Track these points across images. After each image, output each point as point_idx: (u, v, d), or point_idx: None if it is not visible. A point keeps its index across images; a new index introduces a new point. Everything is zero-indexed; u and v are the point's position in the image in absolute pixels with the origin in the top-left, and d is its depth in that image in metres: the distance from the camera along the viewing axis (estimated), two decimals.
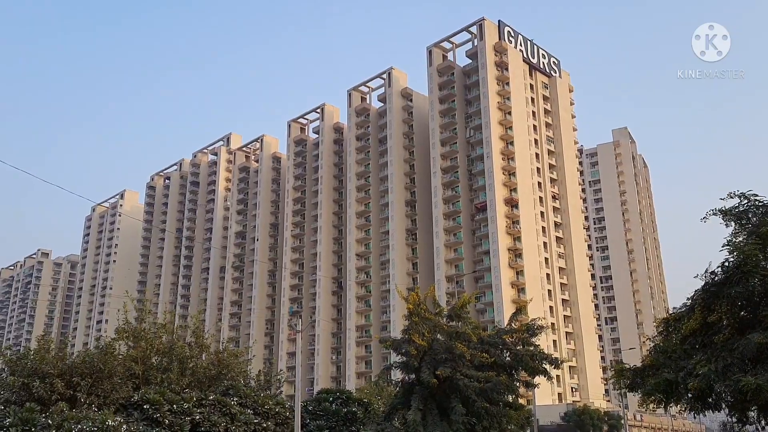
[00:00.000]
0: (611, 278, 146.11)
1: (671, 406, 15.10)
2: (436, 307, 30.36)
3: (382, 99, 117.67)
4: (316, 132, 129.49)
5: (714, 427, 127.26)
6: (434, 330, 28.56)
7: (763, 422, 14.48)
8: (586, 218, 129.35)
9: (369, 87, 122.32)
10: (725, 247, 13.49)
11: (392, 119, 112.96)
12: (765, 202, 13.48)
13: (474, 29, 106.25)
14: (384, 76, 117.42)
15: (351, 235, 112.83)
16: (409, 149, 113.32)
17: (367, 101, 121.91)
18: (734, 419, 14.46)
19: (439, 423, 25.94)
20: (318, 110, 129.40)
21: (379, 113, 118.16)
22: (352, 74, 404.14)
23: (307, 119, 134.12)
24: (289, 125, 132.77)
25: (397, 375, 30.51)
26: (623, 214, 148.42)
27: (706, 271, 13.58)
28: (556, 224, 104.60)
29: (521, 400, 32.96)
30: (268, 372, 37.06)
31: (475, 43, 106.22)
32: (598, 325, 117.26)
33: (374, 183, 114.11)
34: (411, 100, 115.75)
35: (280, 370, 49.94)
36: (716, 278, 13.22)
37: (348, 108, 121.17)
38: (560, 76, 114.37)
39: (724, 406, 13.36)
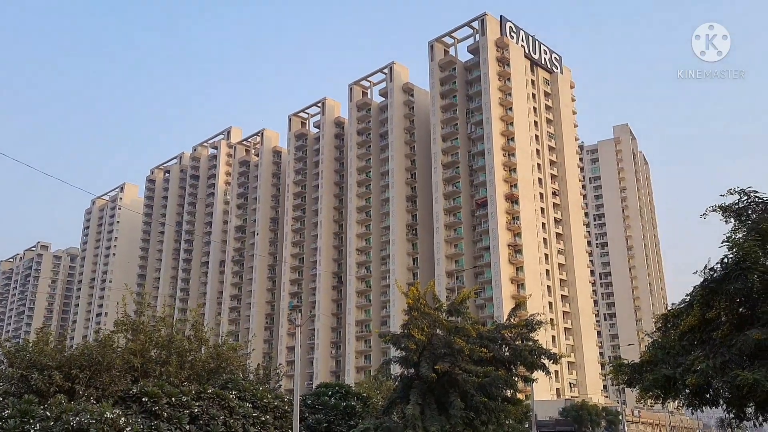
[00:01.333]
0: (610, 274, 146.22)
1: (669, 402, 15.11)
2: (436, 302, 30.29)
3: (384, 94, 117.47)
4: (317, 126, 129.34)
5: (711, 423, 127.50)
6: (433, 325, 28.52)
7: (760, 418, 14.48)
8: (586, 215, 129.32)
9: (370, 81, 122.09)
10: (724, 244, 13.46)
11: (393, 114, 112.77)
12: (765, 198, 13.44)
13: (476, 24, 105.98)
14: (385, 70, 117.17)
15: (351, 230, 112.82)
16: (410, 144, 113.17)
17: (369, 96, 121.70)
18: (732, 415, 14.46)
19: (437, 417, 25.95)
20: (319, 104, 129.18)
21: (381, 108, 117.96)
22: (354, 69, 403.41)
23: (308, 113, 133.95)
24: (290, 119, 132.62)
25: (396, 369, 30.52)
26: (623, 210, 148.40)
27: (705, 268, 13.55)
28: (556, 220, 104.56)
29: (519, 395, 32.95)
30: (267, 366, 37.09)
31: (477, 39, 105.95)
32: (596, 321, 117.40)
33: (375, 178, 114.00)
34: (412, 95, 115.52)
35: (279, 364, 50.00)
36: (715, 274, 13.18)
37: (349, 102, 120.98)
38: (561, 72, 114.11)
39: (721, 402, 13.36)
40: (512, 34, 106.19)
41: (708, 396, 13.06)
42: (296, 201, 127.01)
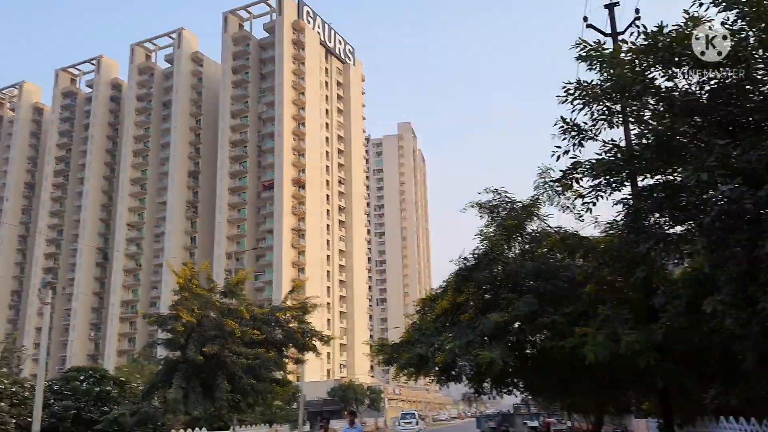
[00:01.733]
0: (385, 262, 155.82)
1: (422, 378, 16.39)
2: (210, 283, 29.57)
3: (170, 60, 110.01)
4: (90, 86, 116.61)
5: (459, 399, 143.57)
6: (205, 306, 27.81)
7: (494, 392, 16.48)
8: (368, 204, 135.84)
9: (156, 45, 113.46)
10: (477, 236, 14.96)
11: (179, 83, 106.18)
12: (512, 198, 15.16)
13: (273, 2, 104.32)
14: (173, 35, 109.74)
15: (123, 203, 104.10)
16: (196, 117, 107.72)
17: (153, 60, 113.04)
18: (473, 390, 16.17)
19: (201, 401, 25.27)
20: (93, 62, 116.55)
21: (165, 75, 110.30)
22: (139, 31, 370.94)
23: (80, 71, 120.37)
24: (57, 74, 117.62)
25: (163, 353, 28.99)
26: (401, 203, 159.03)
27: (459, 257, 14.94)
28: (340, 208, 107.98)
29: (291, 377, 33.55)
30: (7, 348, 32.48)
31: (273, 17, 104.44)
32: (369, 305, 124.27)
33: (154, 149, 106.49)
34: (201, 65, 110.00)
35: (23, 347, 44.04)
36: (468, 263, 14.56)
37: (130, 64, 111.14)
38: (354, 64, 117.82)
39: (464, 378, 14.82)
40: (309, 18, 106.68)
41: (453, 373, 14.40)
42: (59, 166, 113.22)
